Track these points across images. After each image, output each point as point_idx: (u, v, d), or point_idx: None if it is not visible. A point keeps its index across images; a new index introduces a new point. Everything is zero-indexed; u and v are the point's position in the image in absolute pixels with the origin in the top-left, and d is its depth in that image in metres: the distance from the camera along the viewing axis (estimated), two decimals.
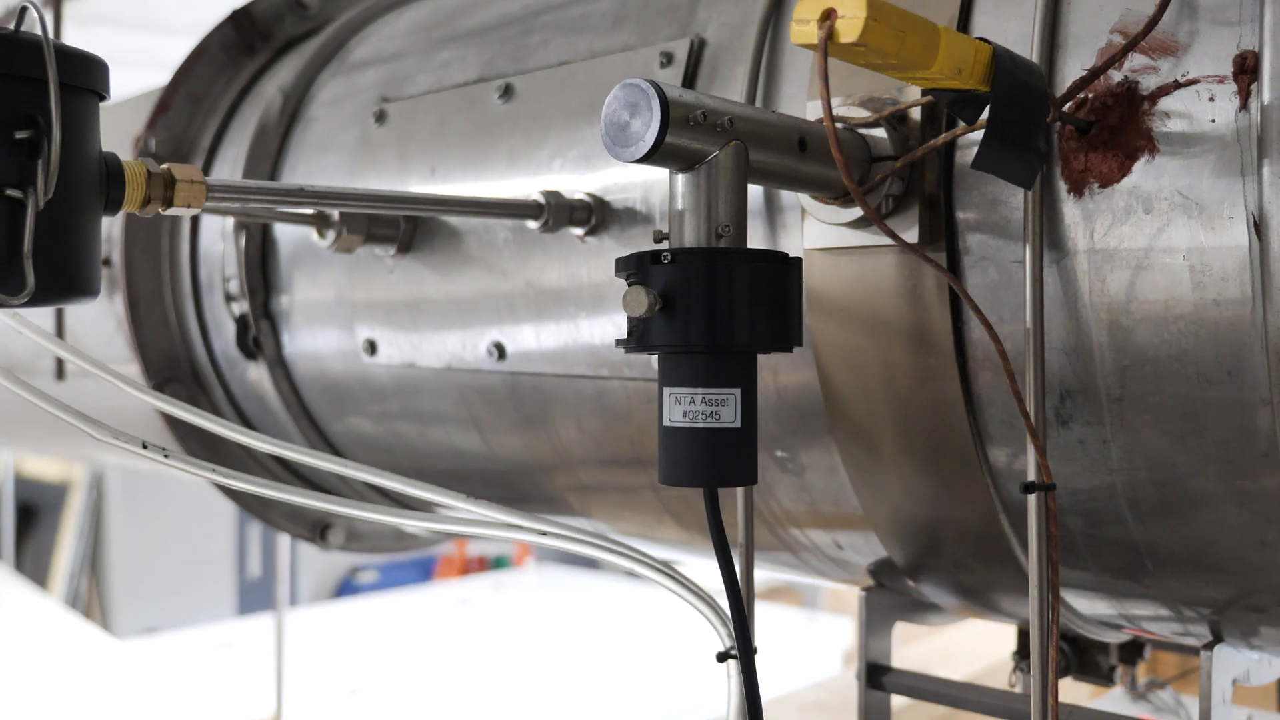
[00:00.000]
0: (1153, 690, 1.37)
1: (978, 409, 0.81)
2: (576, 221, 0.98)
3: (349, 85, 1.36)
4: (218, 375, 1.48)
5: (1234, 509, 0.74)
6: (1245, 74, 0.65)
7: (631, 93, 0.63)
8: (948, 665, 2.41)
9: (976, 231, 0.77)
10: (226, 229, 1.36)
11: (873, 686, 1.03)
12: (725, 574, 0.68)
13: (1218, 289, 0.67)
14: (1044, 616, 0.72)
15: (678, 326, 0.65)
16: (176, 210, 0.71)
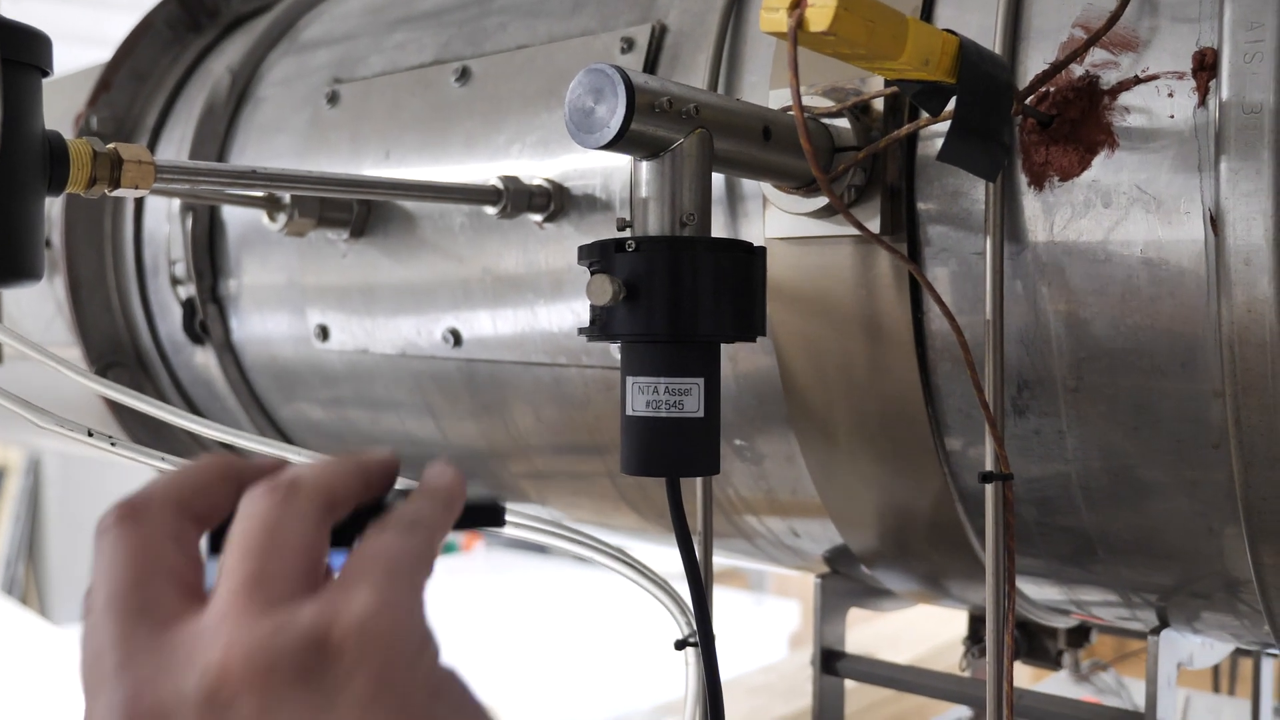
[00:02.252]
0: (1095, 672, 1.40)
1: (936, 399, 0.81)
2: (535, 207, 0.97)
3: (300, 65, 1.33)
4: (163, 360, 1.45)
5: (1184, 499, 0.75)
6: (1204, 71, 0.66)
7: (596, 78, 0.63)
8: (894, 648, 2.44)
9: (937, 223, 0.77)
10: (173, 211, 1.33)
11: (827, 672, 1.04)
12: (687, 563, 0.68)
13: (1174, 282, 0.68)
14: (999, 604, 0.73)
15: (641, 315, 0.64)
16: (123, 191, 0.69)
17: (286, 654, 0.38)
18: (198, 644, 0.38)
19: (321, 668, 0.38)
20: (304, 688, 0.37)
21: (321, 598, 0.39)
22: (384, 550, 0.41)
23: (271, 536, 0.40)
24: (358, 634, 0.38)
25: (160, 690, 0.38)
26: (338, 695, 0.38)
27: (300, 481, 0.42)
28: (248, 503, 0.41)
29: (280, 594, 0.39)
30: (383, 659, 0.38)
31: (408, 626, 0.40)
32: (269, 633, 0.38)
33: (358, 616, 0.38)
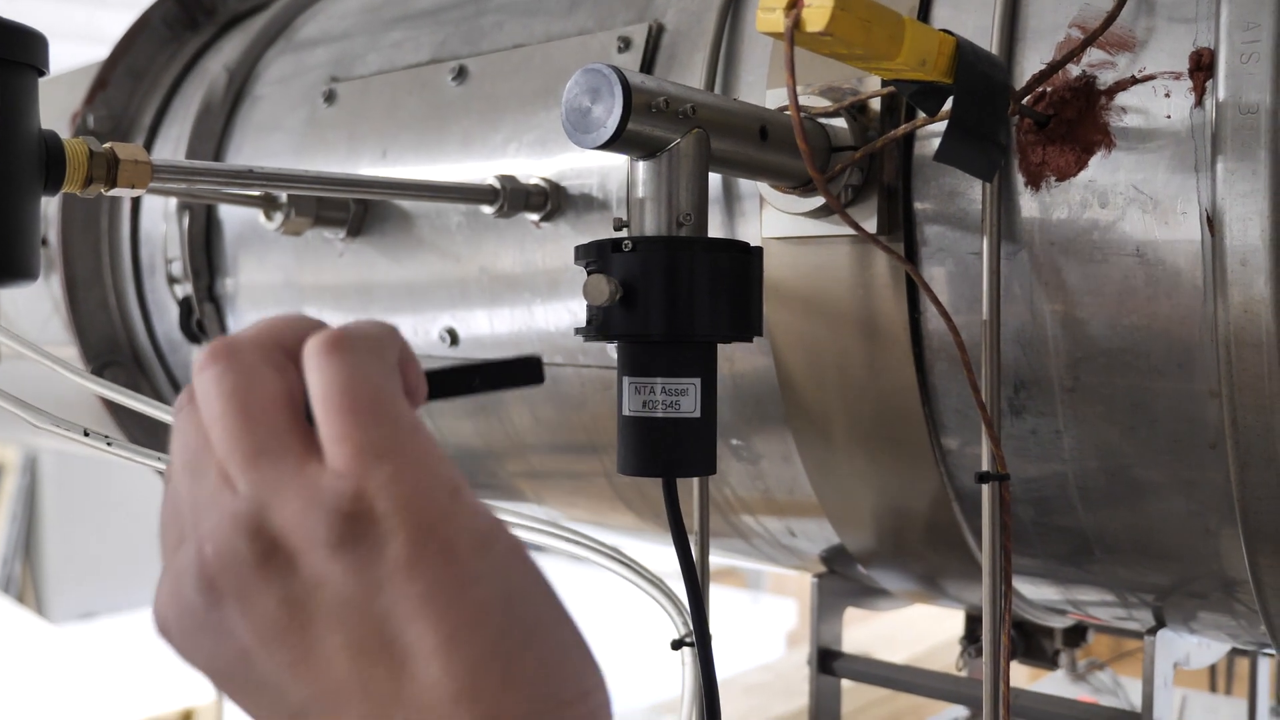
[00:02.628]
0: (1092, 671, 1.40)
1: (932, 399, 0.81)
2: (532, 207, 0.97)
3: (297, 64, 1.33)
4: (160, 359, 1.45)
5: (1181, 499, 0.75)
6: (1201, 71, 0.66)
7: (593, 78, 0.63)
8: (890, 647, 2.44)
9: (934, 223, 0.77)
10: (169, 210, 1.33)
11: (824, 671, 1.04)
12: (684, 564, 0.68)
13: (1170, 283, 0.68)
14: (996, 605, 0.73)
15: (638, 316, 0.64)
16: (120, 191, 0.69)
17: (328, 532, 0.38)
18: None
19: (359, 533, 0.38)
20: (346, 553, 0.38)
21: (338, 462, 0.39)
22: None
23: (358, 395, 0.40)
24: (383, 495, 0.38)
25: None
26: (379, 555, 0.38)
27: (353, 335, 0.41)
28: (330, 358, 0.40)
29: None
30: (416, 513, 0.38)
31: (431, 474, 0.39)
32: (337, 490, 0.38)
33: (382, 477, 0.38)
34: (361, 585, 0.38)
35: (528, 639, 0.39)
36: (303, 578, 0.38)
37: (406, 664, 0.38)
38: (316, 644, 0.38)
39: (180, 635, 0.41)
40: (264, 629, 0.39)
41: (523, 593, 0.40)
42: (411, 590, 0.38)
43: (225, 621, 0.39)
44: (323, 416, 0.39)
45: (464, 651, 0.38)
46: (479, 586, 0.39)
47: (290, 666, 0.39)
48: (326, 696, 0.39)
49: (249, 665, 0.40)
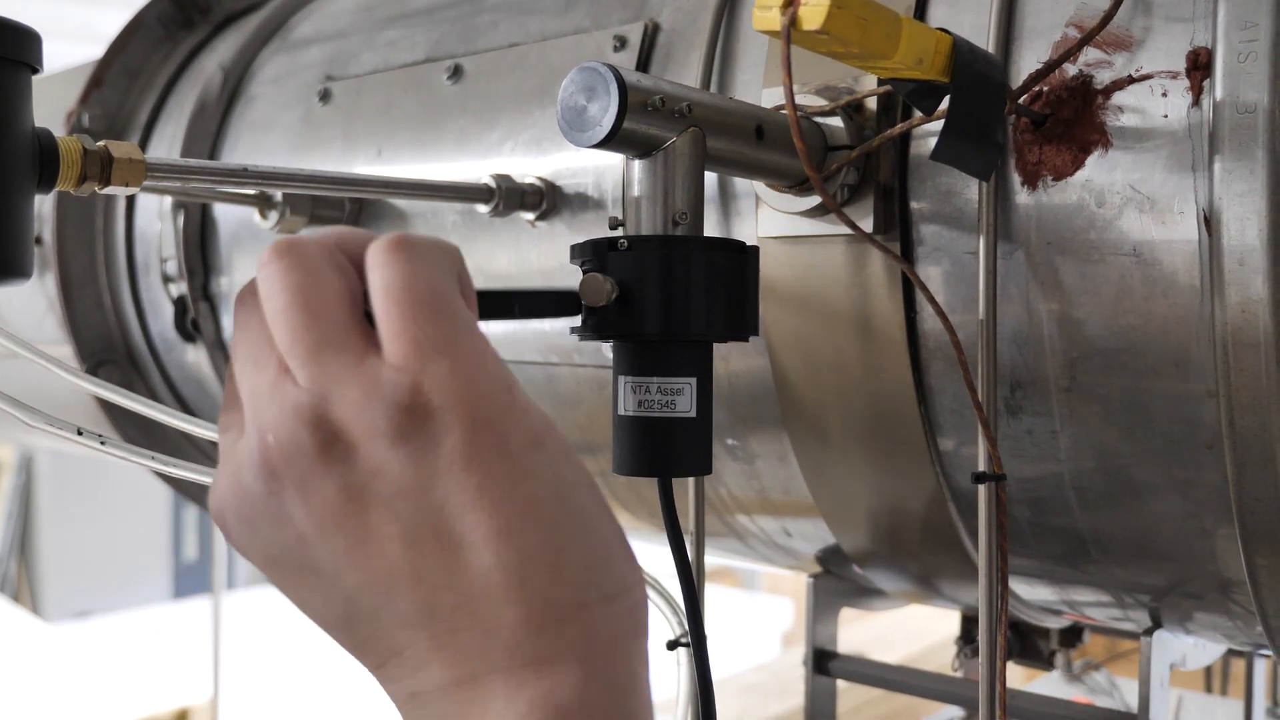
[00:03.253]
0: (1087, 672, 1.40)
1: (928, 399, 0.81)
2: (527, 206, 0.96)
3: (292, 63, 1.32)
4: (155, 358, 1.44)
5: (1177, 499, 0.75)
6: (1198, 70, 0.66)
7: (588, 76, 0.62)
8: (886, 648, 2.44)
9: (930, 222, 0.77)
10: (164, 208, 1.32)
11: (819, 672, 1.04)
12: (679, 563, 0.67)
13: (1167, 283, 0.68)
14: (993, 605, 0.73)
15: (634, 315, 0.64)
16: (114, 189, 0.69)
17: (387, 423, 0.39)
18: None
19: (417, 425, 0.39)
20: (404, 444, 0.39)
21: (396, 357, 0.40)
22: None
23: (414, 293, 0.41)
24: (440, 389, 0.39)
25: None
26: (436, 448, 0.39)
27: (418, 240, 0.43)
28: (391, 258, 0.42)
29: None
30: (472, 408, 0.40)
31: (487, 372, 0.41)
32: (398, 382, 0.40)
33: (441, 372, 0.40)
34: (418, 476, 0.39)
35: (576, 533, 0.41)
36: (361, 467, 0.40)
37: (459, 552, 0.40)
38: (372, 531, 0.40)
39: (237, 522, 0.43)
40: (322, 515, 0.40)
41: (572, 489, 0.42)
42: (468, 482, 0.39)
43: (284, 509, 0.41)
44: (382, 312, 0.41)
45: (516, 542, 0.39)
46: (531, 481, 0.40)
47: (346, 552, 0.40)
48: (379, 582, 0.40)
49: (305, 551, 0.41)
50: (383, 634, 0.41)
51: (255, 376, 0.42)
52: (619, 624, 0.42)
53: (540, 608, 0.40)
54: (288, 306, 0.41)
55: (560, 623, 0.40)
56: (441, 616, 0.40)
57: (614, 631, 0.41)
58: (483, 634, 0.40)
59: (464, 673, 0.40)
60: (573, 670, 0.40)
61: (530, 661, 0.40)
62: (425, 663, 0.41)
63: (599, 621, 0.41)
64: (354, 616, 0.42)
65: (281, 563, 0.42)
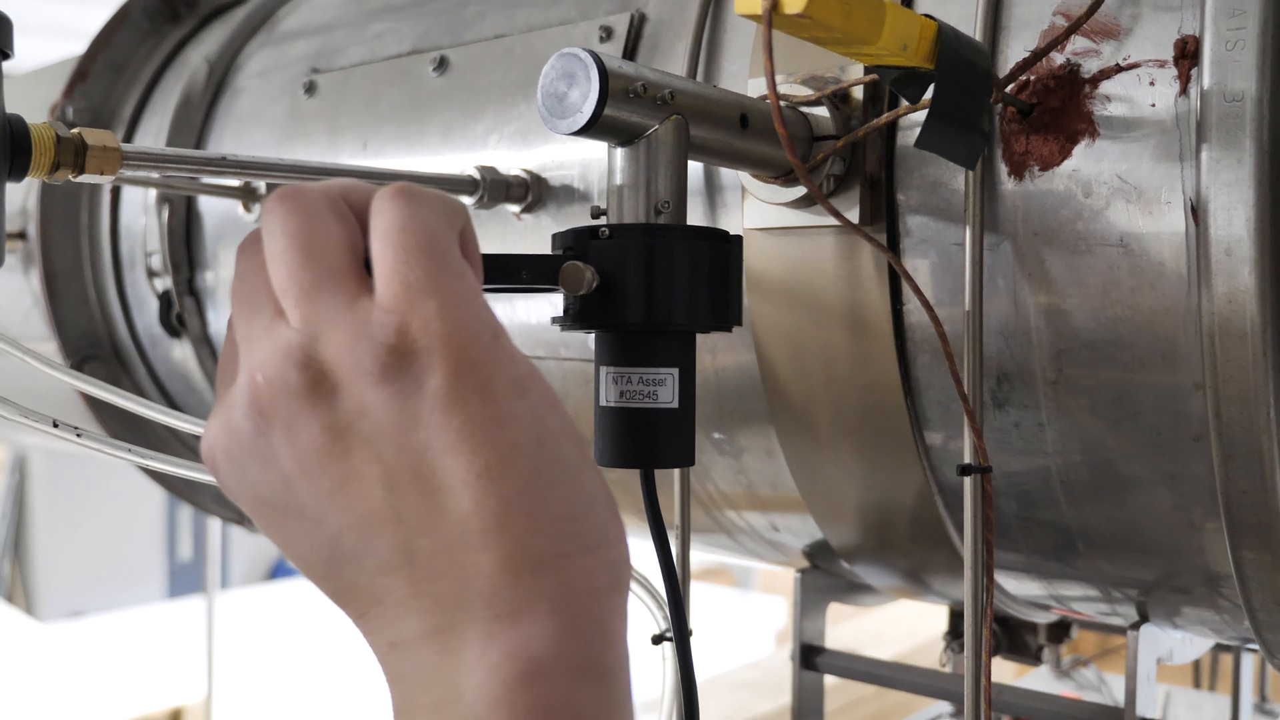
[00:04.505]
0: (1076, 668, 1.40)
1: (915, 392, 0.81)
2: (513, 198, 0.96)
3: (278, 56, 1.31)
4: (140, 353, 1.43)
5: (1165, 492, 0.74)
6: (1186, 59, 0.65)
7: (569, 63, 0.61)
8: (877, 644, 2.43)
9: (917, 213, 0.76)
10: (149, 202, 1.31)
11: (807, 667, 1.03)
12: (661, 557, 0.67)
13: (1154, 274, 0.67)
14: (978, 599, 0.72)
15: (615, 304, 0.63)
16: (89, 177, 0.68)
17: (372, 362, 0.39)
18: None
19: (402, 365, 0.39)
20: (388, 384, 0.39)
21: (385, 298, 0.40)
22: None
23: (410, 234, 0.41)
24: (426, 330, 0.39)
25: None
26: (420, 389, 0.39)
27: (423, 190, 0.43)
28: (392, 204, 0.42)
29: None
30: (458, 350, 0.39)
31: (474, 315, 0.41)
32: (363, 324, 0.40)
33: (428, 313, 0.40)
34: (401, 416, 0.39)
35: (556, 482, 0.41)
36: (346, 407, 0.40)
37: (439, 496, 0.39)
38: (355, 472, 0.40)
39: (226, 462, 0.43)
40: (307, 455, 0.40)
41: (555, 437, 0.41)
42: (449, 424, 0.39)
43: (271, 448, 0.41)
44: (377, 254, 0.41)
45: (495, 487, 0.39)
46: (514, 426, 0.40)
47: (329, 494, 0.40)
48: (360, 525, 0.40)
49: (289, 492, 0.41)
50: (363, 579, 0.41)
51: (250, 319, 0.42)
52: (598, 577, 0.41)
53: (517, 555, 0.39)
54: (285, 249, 0.41)
55: (537, 572, 0.39)
56: (420, 562, 0.40)
57: (592, 584, 0.41)
58: (460, 581, 0.39)
59: (441, 621, 0.40)
60: (548, 622, 0.39)
61: (506, 612, 0.39)
62: (404, 611, 0.40)
63: (577, 573, 0.40)
64: (335, 560, 0.42)
65: (268, 504, 0.42)
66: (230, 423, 0.42)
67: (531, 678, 0.39)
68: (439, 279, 0.40)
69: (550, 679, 0.39)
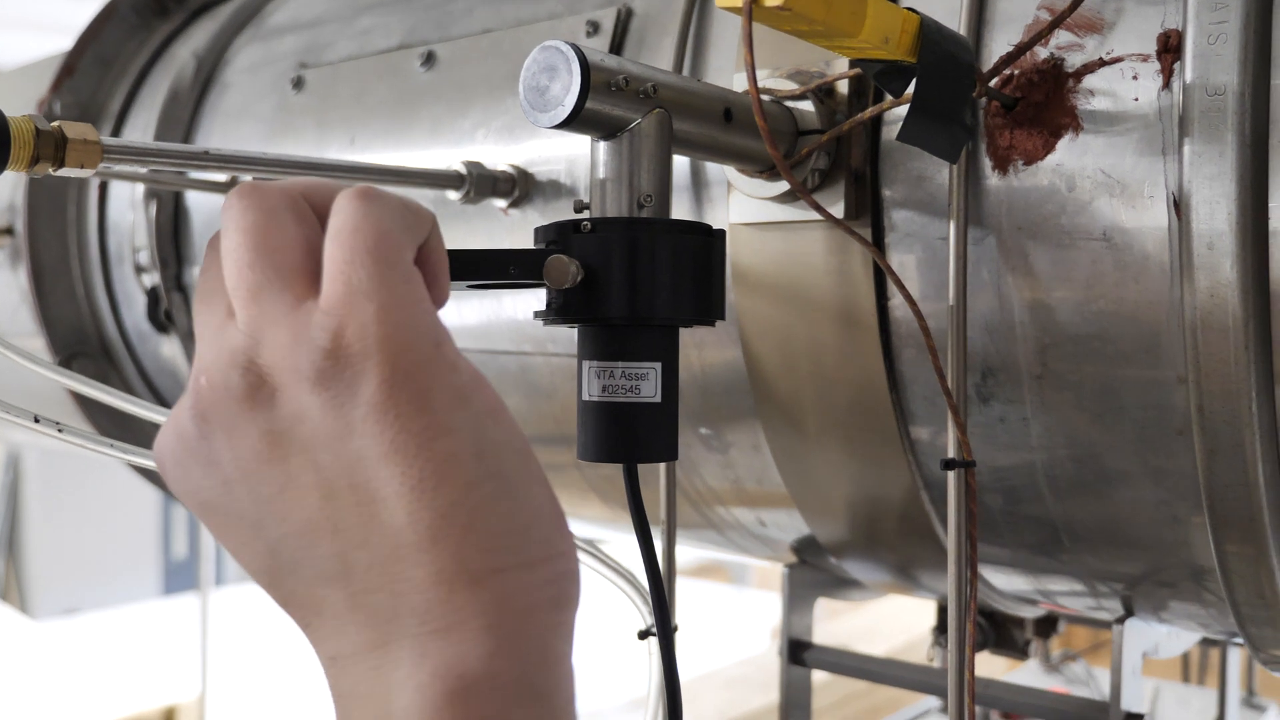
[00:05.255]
0: (1065, 662, 1.40)
1: (900, 386, 0.80)
2: (500, 193, 0.95)
3: (266, 51, 1.31)
4: (129, 350, 1.43)
5: (1149, 487, 0.74)
6: (1168, 53, 0.65)
7: (551, 56, 0.61)
8: (871, 640, 2.44)
9: (902, 208, 0.76)
10: (136, 198, 1.31)
11: (794, 662, 1.03)
12: (644, 551, 0.67)
13: (1138, 268, 0.67)
14: (961, 593, 0.72)
15: (598, 298, 0.63)
16: (69, 171, 0.68)
17: (309, 365, 0.39)
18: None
19: (337, 370, 0.38)
20: (323, 390, 0.39)
21: (327, 300, 0.39)
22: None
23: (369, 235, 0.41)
24: (363, 334, 0.39)
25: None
26: (354, 395, 0.38)
27: (386, 193, 0.43)
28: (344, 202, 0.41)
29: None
30: (393, 356, 0.39)
31: (414, 322, 0.40)
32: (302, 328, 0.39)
33: (365, 316, 0.39)
34: (337, 424, 0.39)
35: (495, 495, 0.40)
36: (284, 412, 0.39)
37: (374, 507, 0.39)
38: (293, 480, 0.39)
39: (173, 465, 0.42)
40: (247, 461, 0.40)
41: (496, 450, 0.40)
42: (383, 434, 0.38)
43: (214, 452, 0.41)
44: (328, 254, 0.40)
45: (430, 499, 0.38)
46: (450, 438, 0.39)
47: (268, 500, 0.40)
48: (299, 533, 0.40)
49: (230, 497, 0.41)
50: (303, 589, 0.40)
51: (205, 318, 0.42)
52: (537, 593, 0.40)
53: (451, 570, 0.38)
54: (238, 246, 0.41)
55: (471, 587, 0.38)
56: (357, 574, 0.39)
57: (531, 601, 0.40)
58: (395, 595, 0.39)
59: (376, 636, 0.39)
60: (481, 639, 0.38)
61: (439, 628, 0.38)
62: (343, 624, 0.40)
63: (514, 589, 0.39)
64: (277, 569, 0.41)
65: (212, 508, 0.42)
66: (178, 425, 0.42)
67: (461, 697, 0.38)
68: (383, 281, 0.39)
69: (481, 699, 0.38)
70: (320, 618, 0.40)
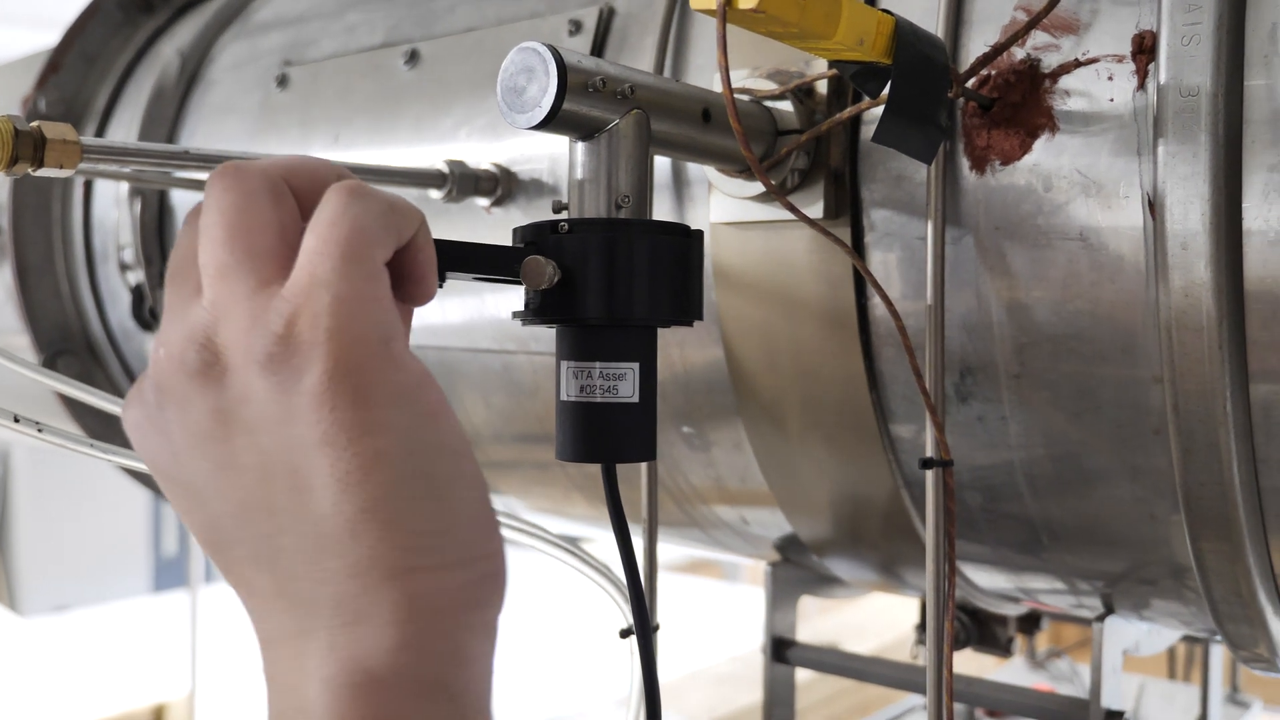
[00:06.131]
0: (1051, 659, 1.40)
1: (880, 385, 0.81)
2: (482, 192, 0.95)
3: (251, 48, 1.31)
4: (113, 347, 1.43)
5: (1127, 485, 0.75)
6: (1143, 54, 0.65)
7: (528, 57, 0.61)
8: (859, 636, 2.44)
9: (881, 207, 0.77)
10: (121, 196, 1.31)
11: (777, 660, 1.04)
12: (623, 551, 0.67)
13: (1114, 267, 0.68)
14: (940, 591, 0.73)
15: (575, 298, 0.63)
16: (48, 171, 0.67)
17: (260, 348, 0.40)
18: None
19: (285, 356, 0.39)
20: (270, 374, 0.39)
21: (288, 287, 0.40)
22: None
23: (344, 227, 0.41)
24: (315, 324, 0.39)
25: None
26: (298, 382, 0.39)
27: (373, 190, 0.43)
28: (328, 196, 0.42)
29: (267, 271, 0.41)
30: (339, 348, 0.39)
31: (367, 317, 0.40)
32: (260, 312, 0.40)
33: (319, 307, 0.40)
34: (280, 408, 0.39)
35: (420, 495, 0.40)
36: (233, 393, 0.40)
37: (305, 494, 0.40)
38: (235, 458, 0.41)
39: (134, 430, 0.44)
40: (193, 435, 0.41)
41: (428, 451, 0.41)
42: (319, 423, 0.39)
43: (166, 423, 0.42)
44: (303, 243, 0.41)
45: (353, 493, 0.39)
46: (382, 435, 0.40)
47: (210, 475, 0.41)
48: (236, 510, 0.41)
49: (179, 467, 0.42)
50: (238, 568, 0.42)
51: (175, 290, 0.43)
52: (452, 595, 0.41)
53: (365, 564, 0.39)
54: (212, 224, 0.41)
55: (384, 583, 0.39)
56: (284, 560, 0.40)
57: (445, 601, 0.41)
58: (315, 584, 0.40)
59: (296, 625, 0.40)
60: (387, 633, 0.39)
61: (349, 621, 0.39)
62: (271, 609, 0.41)
63: (427, 589, 0.40)
64: (218, 543, 0.42)
65: (165, 475, 0.43)
66: (140, 392, 0.43)
67: (365, 690, 0.38)
68: (344, 275, 0.40)
69: (385, 693, 0.39)
70: (254, 599, 0.42)
